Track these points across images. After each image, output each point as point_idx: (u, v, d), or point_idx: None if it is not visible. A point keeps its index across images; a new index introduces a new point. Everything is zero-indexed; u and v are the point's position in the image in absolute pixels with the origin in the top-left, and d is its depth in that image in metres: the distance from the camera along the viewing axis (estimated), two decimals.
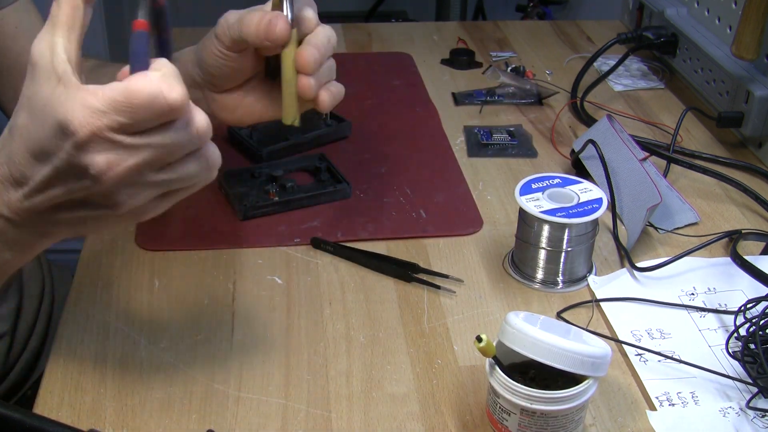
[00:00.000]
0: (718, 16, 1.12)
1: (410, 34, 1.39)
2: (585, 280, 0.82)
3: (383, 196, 0.94)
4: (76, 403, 0.68)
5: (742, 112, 1.02)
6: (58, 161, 0.56)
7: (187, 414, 0.67)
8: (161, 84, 0.54)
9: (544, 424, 0.62)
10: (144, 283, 0.81)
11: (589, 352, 0.61)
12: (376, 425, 0.66)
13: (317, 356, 0.73)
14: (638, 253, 0.85)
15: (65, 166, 0.56)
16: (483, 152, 1.04)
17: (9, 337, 0.95)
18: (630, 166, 0.90)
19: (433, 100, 1.17)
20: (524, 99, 1.16)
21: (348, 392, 0.69)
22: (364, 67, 1.26)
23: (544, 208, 0.78)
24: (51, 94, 0.55)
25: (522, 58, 1.30)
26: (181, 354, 0.73)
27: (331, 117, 1.06)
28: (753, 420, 0.66)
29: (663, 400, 0.68)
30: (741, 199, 0.95)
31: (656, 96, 1.19)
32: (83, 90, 0.54)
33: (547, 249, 0.80)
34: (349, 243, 0.86)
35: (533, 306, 0.79)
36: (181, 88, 0.55)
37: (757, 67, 1.03)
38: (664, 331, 0.76)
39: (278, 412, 0.67)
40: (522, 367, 0.64)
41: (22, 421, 0.54)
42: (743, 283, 0.80)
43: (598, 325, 0.77)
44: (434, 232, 0.89)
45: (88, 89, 0.54)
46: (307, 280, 0.82)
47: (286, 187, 0.93)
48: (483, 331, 0.72)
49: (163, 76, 0.54)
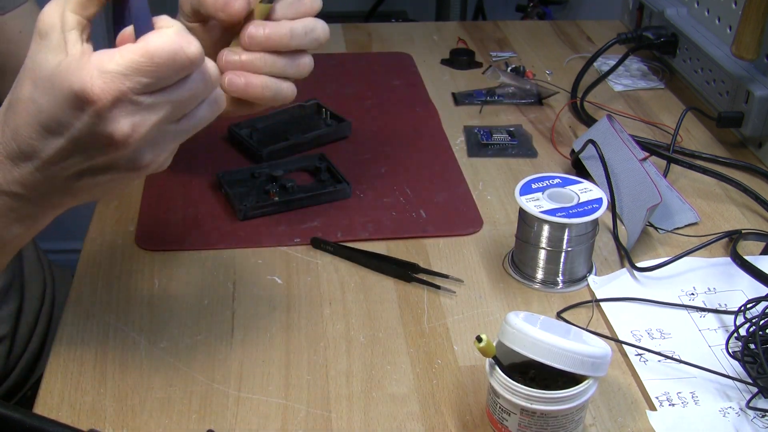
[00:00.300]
0: (718, 16, 1.12)
1: (410, 34, 1.39)
2: (585, 280, 0.82)
3: (383, 196, 0.94)
4: (76, 403, 0.68)
5: (742, 112, 1.02)
6: (75, 131, 0.55)
7: (187, 414, 0.67)
8: (180, 39, 0.53)
9: (544, 424, 0.62)
10: (144, 283, 0.81)
11: (589, 352, 0.61)
12: (376, 425, 0.66)
13: (317, 356, 0.73)
14: (638, 253, 0.85)
15: (85, 136, 0.55)
16: (483, 152, 1.04)
17: (10, 338, 0.95)
18: (630, 166, 0.90)
19: (433, 100, 1.17)
20: (524, 99, 1.16)
21: (348, 392, 0.69)
22: (364, 67, 1.26)
23: (544, 208, 0.78)
24: (60, 63, 0.54)
25: (522, 58, 1.30)
26: (181, 354, 0.73)
27: (331, 117, 1.07)
28: (753, 420, 0.66)
29: (663, 400, 0.68)
30: (741, 199, 0.95)
31: (656, 96, 1.19)
32: (97, 56, 0.53)
33: (547, 249, 0.80)
34: (349, 243, 0.86)
35: (533, 306, 0.79)
36: (196, 41, 0.54)
37: (757, 67, 1.03)
38: (664, 331, 0.76)
39: (278, 412, 0.67)
40: (522, 367, 0.64)
41: (22, 421, 0.54)
42: (743, 283, 0.80)
43: (598, 325, 0.77)
44: (434, 232, 0.89)
45: (102, 54, 0.53)
46: (307, 280, 0.82)
47: (286, 187, 0.93)
48: (483, 331, 0.72)
49: (177, 31, 0.54)
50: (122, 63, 0.52)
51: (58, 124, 0.55)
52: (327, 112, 1.07)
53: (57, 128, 0.55)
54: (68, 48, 0.54)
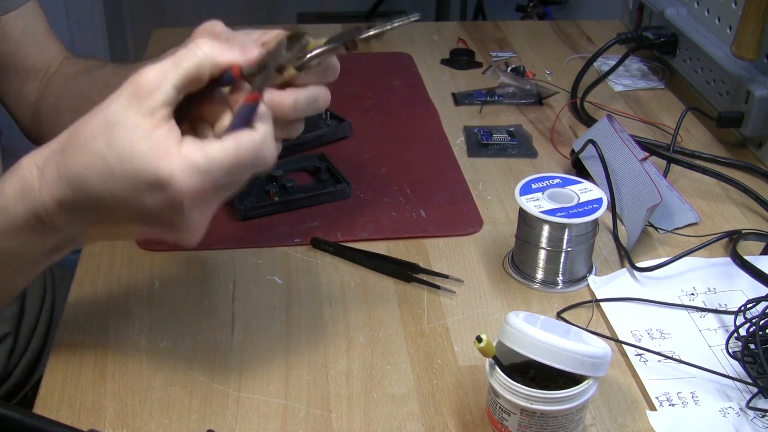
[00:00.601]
0: (718, 16, 1.12)
1: (410, 34, 1.39)
2: (585, 280, 0.82)
3: (383, 196, 0.94)
4: (76, 403, 0.68)
5: (742, 112, 1.02)
6: (144, 206, 0.56)
7: (187, 414, 0.67)
8: (263, 147, 0.57)
9: (544, 424, 0.62)
10: (144, 283, 0.81)
11: (589, 352, 0.61)
12: (376, 425, 0.66)
13: (317, 356, 0.73)
14: (638, 253, 0.85)
15: (152, 211, 0.57)
16: (483, 152, 1.04)
17: (12, 339, 0.95)
18: (630, 166, 0.90)
19: (433, 100, 1.17)
20: (524, 99, 1.16)
21: (348, 392, 0.69)
22: (364, 67, 1.26)
23: (544, 208, 0.78)
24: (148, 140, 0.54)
25: (522, 58, 1.30)
26: (181, 354, 0.73)
27: (331, 117, 1.07)
28: (753, 420, 0.66)
29: (663, 400, 0.68)
30: (741, 199, 0.95)
31: (656, 96, 1.19)
32: (188, 147, 0.55)
33: (547, 249, 0.80)
34: (349, 243, 0.86)
35: (533, 306, 0.79)
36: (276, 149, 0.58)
37: (757, 67, 1.03)
38: (664, 331, 0.76)
39: (278, 412, 0.67)
40: (522, 367, 0.64)
41: (22, 421, 0.54)
42: (743, 283, 0.80)
43: (598, 325, 0.77)
44: (434, 232, 0.89)
45: (192, 146, 0.55)
46: (307, 280, 0.82)
47: (286, 187, 0.93)
48: (483, 331, 0.72)
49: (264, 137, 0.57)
50: (210, 161, 0.55)
51: (127, 194, 0.56)
52: (327, 112, 1.07)
53: (124, 197, 0.56)
54: (157, 121, 0.55)
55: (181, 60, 0.57)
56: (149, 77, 0.56)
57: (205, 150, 0.55)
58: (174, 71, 0.56)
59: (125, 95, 0.56)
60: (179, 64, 0.57)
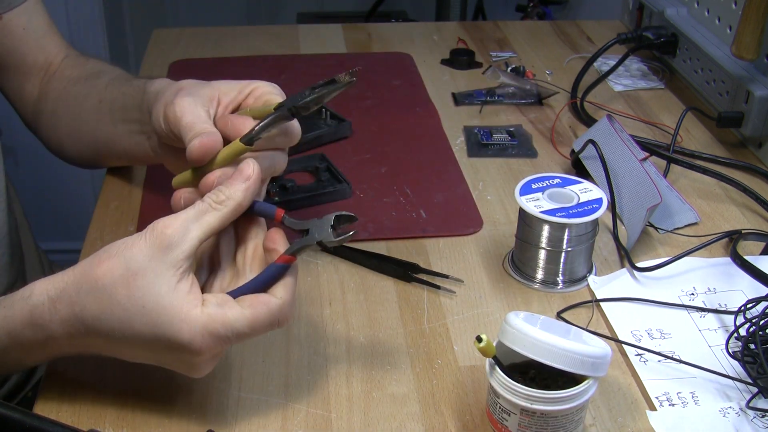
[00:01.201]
0: (718, 16, 1.12)
1: (410, 34, 1.39)
2: (585, 280, 0.82)
3: (383, 196, 0.94)
4: (76, 403, 0.68)
5: (742, 112, 1.02)
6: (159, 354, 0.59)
7: (187, 414, 0.67)
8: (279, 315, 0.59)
9: (544, 424, 0.62)
10: None
11: (589, 352, 0.61)
12: (376, 425, 0.66)
13: (317, 356, 0.73)
14: (638, 253, 0.85)
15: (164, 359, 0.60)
16: (483, 152, 1.04)
17: None
18: (630, 166, 0.90)
19: (433, 100, 1.17)
20: (524, 99, 1.16)
21: (348, 392, 0.69)
22: (364, 67, 1.26)
23: (544, 208, 0.78)
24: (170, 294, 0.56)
25: (522, 58, 1.30)
26: None
27: (331, 117, 1.07)
28: (753, 420, 0.66)
29: (663, 400, 0.68)
30: (741, 199, 0.95)
31: (656, 96, 1.19)
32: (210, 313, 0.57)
33: (547, 249, 0.80)
34: (349, 243, 0.86)
35: (533, 306, 0.79)
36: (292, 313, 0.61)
37: (757, 67, 1.03)
38: (664, 331, 0.76)
39: (278, 412, 0.67)
40: (522, 367, 0.64)
41: (22, 421, 0.54)
42: (743, 283, 0.80)
43: (598, 325, 0.77)
44: (434, 232, 0.89)
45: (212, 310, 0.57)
46: (307, 280, 0.82)
47: (286, 187, 0.93)
48: (483, 331, 0.72)
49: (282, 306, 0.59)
50: (228, 329, 0.57)
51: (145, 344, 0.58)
52: (327, 112, 1.07)
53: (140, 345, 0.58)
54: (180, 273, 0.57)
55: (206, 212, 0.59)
56: (174, 227, 0.57)
57: (225, 317, 0.57)
58: (198, 227, 0.58)
59: (149, 245, 0.57)
60: (203, 219, 0.58)
